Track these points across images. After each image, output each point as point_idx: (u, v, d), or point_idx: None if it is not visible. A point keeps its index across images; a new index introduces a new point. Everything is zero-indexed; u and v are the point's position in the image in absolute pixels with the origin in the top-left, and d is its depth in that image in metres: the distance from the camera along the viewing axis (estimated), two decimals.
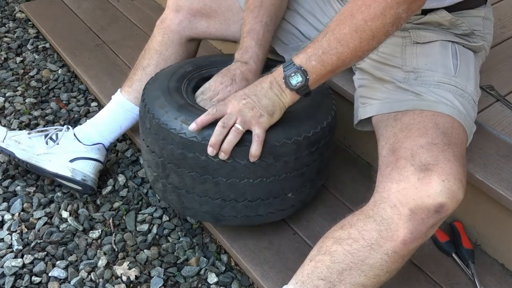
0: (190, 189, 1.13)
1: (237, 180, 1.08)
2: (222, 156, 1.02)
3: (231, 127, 1.00)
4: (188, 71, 1.25)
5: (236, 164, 1.04)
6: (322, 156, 1.16)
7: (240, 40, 1.19)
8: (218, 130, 1.00)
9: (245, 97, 1.00)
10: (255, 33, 1.17)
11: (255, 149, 1.01)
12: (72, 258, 1.31)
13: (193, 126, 1.02)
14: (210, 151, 1.01)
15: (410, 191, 0.86)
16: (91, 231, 1.37)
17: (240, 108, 0.99)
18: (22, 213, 1.42)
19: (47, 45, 2.14)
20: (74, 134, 1.41)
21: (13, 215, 1.41)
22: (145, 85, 1.24)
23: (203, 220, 1.30)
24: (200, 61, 1.29)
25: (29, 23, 2.28)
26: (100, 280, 1.26)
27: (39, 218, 1.41)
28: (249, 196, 1.12)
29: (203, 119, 1.01)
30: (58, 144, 1.40)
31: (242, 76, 1.13)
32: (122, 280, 1.25)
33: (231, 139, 1.00)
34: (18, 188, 1.49)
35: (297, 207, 1.22)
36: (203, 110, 1.07)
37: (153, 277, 1.26)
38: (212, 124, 1.02)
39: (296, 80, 0.96)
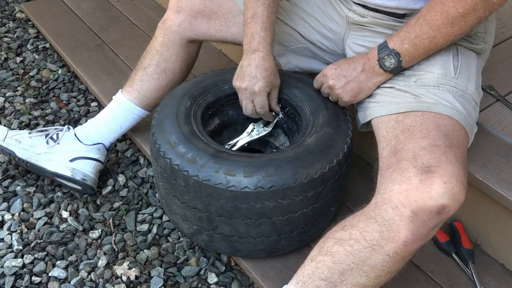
0: (244, 234, 1.11)
1: (293, 215, 1.08)
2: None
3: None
4: (189, 107, 1.19)
5: (292, 201, 1.05)
6: (347, 169, 1.16)
7: (245, 26, 1.16)
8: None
9: (334, 77, 1.12)
10: (259, 17, 1.14)
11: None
12: (72, 258, 1.31)
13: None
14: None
15: (412, 193, 0.86)
16: (91, 231, 1.37)
17: (332, 84, 1.13)
18: (22, 213, 1.42)
19: (47, 45, 2.14)
20: (75, 134, 1.41)
21: (13, 215, 1.41)
22: (153, 136, 1.14)
23: (256, 256, 1.22)
24: (193, 91, 1.23)
25: (29, 23, 2.28)
26: (100, 280, 1.26)
27: (39, 218, 1.41)
28: (302, 224, 1.12)
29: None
30: (58, 143, 1.40)
31: (261, 69, 1.13)
32: (122, 280, 1.25)
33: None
34: (18, 188, 1.49)
35: (334, 213, 1.23)
36: (235, 153, 1.07)
37: (153, 277, 1.27)
38: (255, 172, 1.02)
39: (390, 62, 1.04)
